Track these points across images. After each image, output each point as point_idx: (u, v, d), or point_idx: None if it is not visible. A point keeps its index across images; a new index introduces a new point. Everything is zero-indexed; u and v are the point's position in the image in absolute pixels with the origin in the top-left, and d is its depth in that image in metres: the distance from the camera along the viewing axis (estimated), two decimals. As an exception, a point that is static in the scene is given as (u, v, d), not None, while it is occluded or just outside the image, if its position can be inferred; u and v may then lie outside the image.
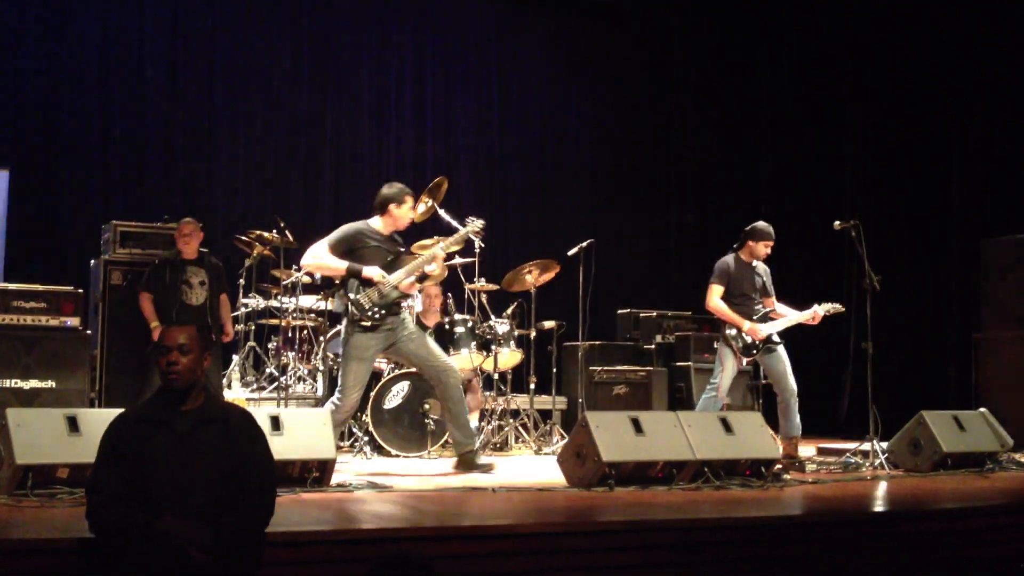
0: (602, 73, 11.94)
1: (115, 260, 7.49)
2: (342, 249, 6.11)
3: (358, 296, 6.00)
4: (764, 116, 11.32)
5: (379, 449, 7.03)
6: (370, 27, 10.91)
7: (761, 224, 7.09)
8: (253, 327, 8.50)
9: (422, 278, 6.29)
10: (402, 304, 6.19)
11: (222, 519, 3.19)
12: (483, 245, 7.03)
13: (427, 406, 7.16)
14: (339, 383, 6.12)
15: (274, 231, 7.93)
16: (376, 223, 6.23)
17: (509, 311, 7.95)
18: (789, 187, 10.86)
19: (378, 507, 4.73)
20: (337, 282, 6.23)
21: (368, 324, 5.98)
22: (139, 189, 9.66)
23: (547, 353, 8.26)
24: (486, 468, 6.15)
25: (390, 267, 6.12)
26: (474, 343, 7.51)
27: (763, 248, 7.04)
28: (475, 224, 6.50)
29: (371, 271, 6.00)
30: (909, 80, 10.09)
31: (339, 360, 7.53)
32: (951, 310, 9.65)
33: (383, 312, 6.00)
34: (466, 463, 6.17)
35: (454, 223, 7.92)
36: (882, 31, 10.29)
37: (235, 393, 8.00)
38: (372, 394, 7.06)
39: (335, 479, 5.23)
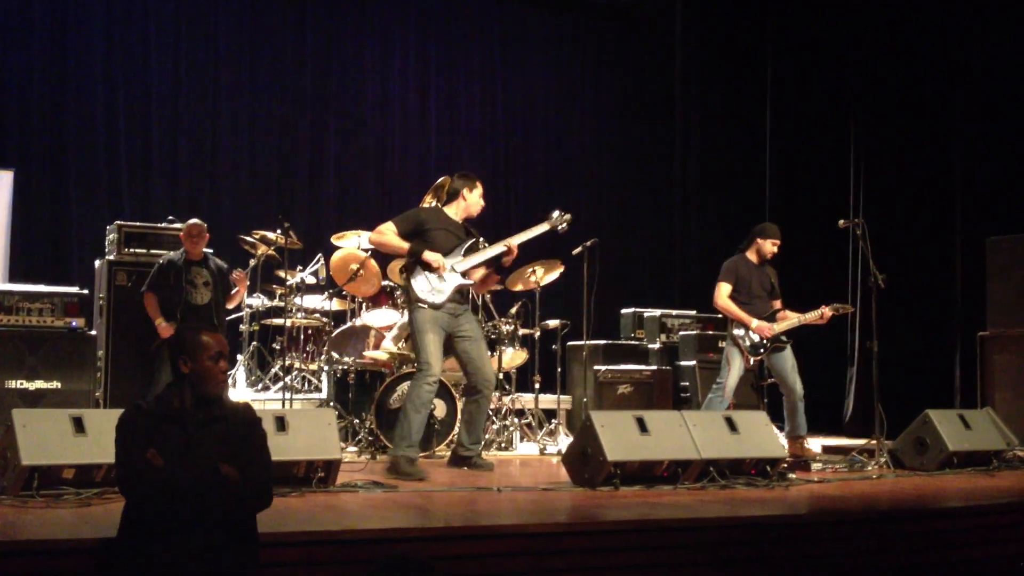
0: (606, 71, 11.94)
1: (120, 261, 7.50)
2: (407, 230, 6.11)
3: (414, 278, 6.03)
4: (769, 114, 11.31)
5: (384, 449, 7.03)
6: (374, 27, 10.92)
7: (769, 224, 7.14)
8: (258, 327, 8.50)
9: (498, 268, 6.19)
10: (464, 292, 6.16)
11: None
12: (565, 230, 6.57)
13: (432, 406, 7.15)
14: (418, 360, 6.10)
15: (278, 231, 7.94)
16: (449, 210, 6.26)
17: (513, 311, 7.94)
18: (794, 186, 10.85)
19: (384, 507, 4.73)
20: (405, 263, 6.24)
21: (424, 306, 6.01)
22: (143, 190, 9.68)
23: (551, 352, 8.25)
24: (486, 467, 6.18)
25: (455, 254, 6.10)
26: (478, 343, 7.51)
27: (770, 247, 7.05)
28: (561, 217, 6.36)
29: (431, 256, 5.98)
30: (914, 78, 10.07)
31: (344, 360, 7.56)
32: (956, 309, 9.62)
33: (439, 294, 6.01)
34: (464, 462, 6.23)
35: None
36: (887, 30, 10.27)
37: (240, 393, 8.01)
38: (377, 394, 7.06)
39: (340, 479, 5.24)
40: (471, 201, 6.23)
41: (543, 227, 6.38)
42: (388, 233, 6.11)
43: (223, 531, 3.19)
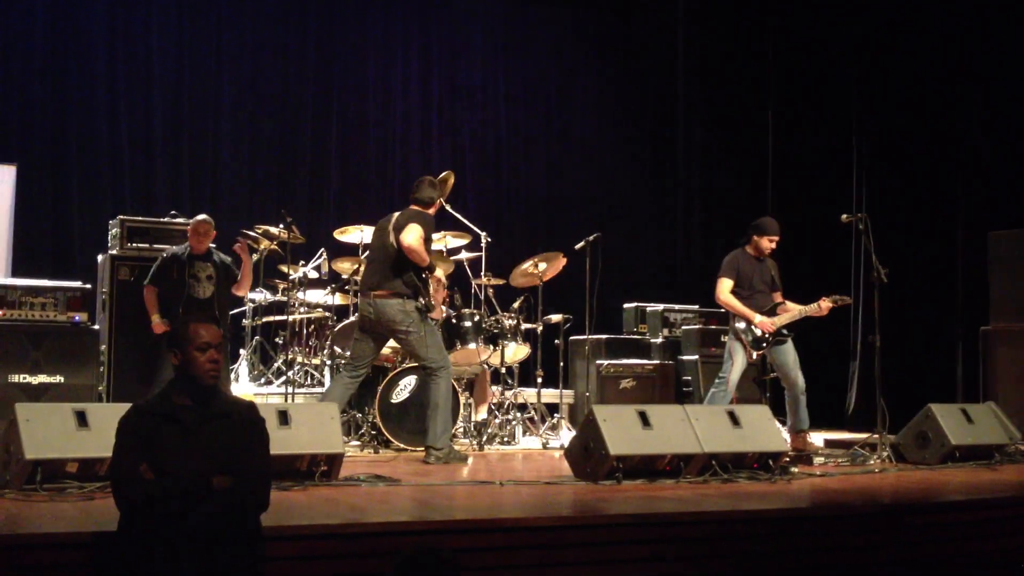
0: (609, 65, 11.92)
1: (122, 255, 7.51)
2: None
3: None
4: (771, 108, 11.29)
5: (387, 443, 7.04)
6: (376, 20, 10.92)
7: (766, 219, 7.12)
8: (260, 322, 8.52)
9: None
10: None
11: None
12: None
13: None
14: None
15: (280, 226, 7.95)
16: None
17: (516, 305, 7.94)
18: (797, 180, 10.84)
19: (386, 501, 4.73)
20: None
21: None
22: (146, 184, 9.69)
23: (554, 347, 8.26)
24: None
25: None
26: (481, 337, 7.51)
27: (768, 243, 7.04)
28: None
29: None
30: (917, 72, 10.05)
31: (347, 354, 7.56)
32: (959, 303, 9.62)
33: None
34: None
35: (460, 218, 7.94)
36: (890, 24, 10.25)
37: (243, 387, 8.02)
38: (380, 388, 7.07)
39: (343, 473, 5.24)
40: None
41: None
42: None
43: (224, 527, 3.18)
